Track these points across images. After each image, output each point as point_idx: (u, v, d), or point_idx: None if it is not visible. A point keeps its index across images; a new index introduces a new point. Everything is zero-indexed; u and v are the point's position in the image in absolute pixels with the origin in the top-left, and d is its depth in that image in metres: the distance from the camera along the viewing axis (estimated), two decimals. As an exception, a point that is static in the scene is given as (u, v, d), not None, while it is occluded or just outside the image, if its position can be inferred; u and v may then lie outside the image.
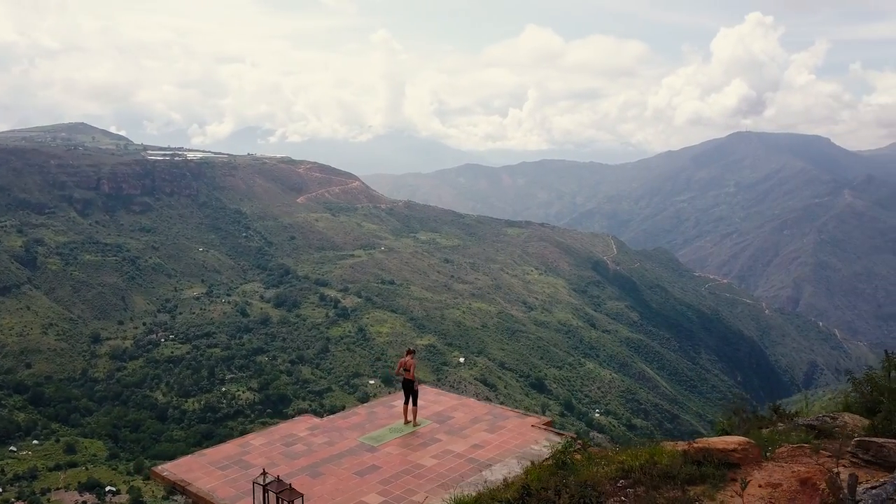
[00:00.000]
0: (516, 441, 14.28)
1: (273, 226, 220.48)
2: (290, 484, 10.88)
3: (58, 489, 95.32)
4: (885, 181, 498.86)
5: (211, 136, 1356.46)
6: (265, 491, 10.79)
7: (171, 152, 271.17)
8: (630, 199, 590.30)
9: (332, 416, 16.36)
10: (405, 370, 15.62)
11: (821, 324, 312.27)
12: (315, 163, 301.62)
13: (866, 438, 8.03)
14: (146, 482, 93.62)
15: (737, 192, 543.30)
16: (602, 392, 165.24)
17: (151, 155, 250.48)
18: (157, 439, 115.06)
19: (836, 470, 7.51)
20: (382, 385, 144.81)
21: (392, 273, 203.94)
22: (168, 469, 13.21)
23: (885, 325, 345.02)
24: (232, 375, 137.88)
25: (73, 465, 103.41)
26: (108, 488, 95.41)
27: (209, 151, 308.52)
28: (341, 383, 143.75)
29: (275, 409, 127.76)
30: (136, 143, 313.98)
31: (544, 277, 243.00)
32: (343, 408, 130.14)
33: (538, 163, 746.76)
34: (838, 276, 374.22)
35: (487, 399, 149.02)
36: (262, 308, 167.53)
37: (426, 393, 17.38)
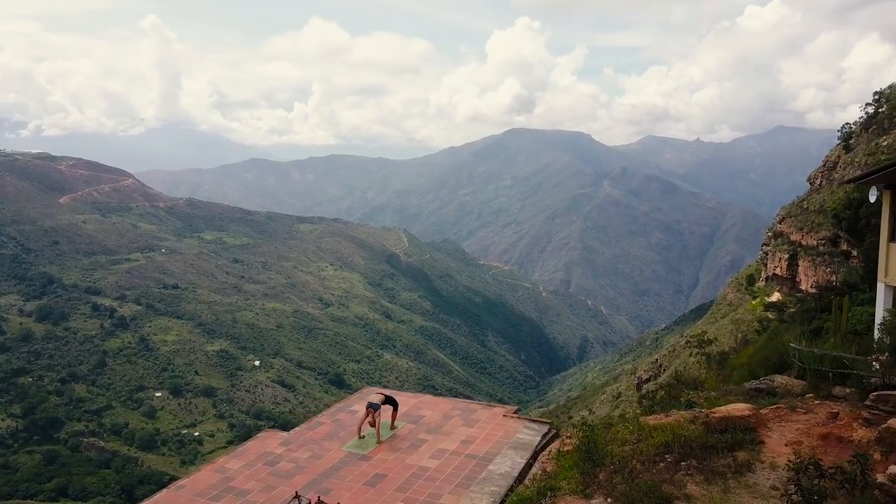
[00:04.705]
0: (499, 432, 14.15)
1: (30, 230, 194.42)
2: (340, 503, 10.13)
3: None
4: (636, 173, 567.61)
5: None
6: None
7: None
8: (418, 194, 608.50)
9: (297, 429, 15.22)
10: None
11: (589, 302, 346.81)
12: (79, 159, 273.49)
13: (885, 392, 8.70)
14: None
15: (513, 185, 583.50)
16: (400, 381, 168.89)
17: None
18: None
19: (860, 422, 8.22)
20: (171, 397, 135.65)
21: (175, 276, 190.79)
22: None
23: (641, 300, 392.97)
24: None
25: None
26: None
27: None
28: (123, 399, 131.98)
29: (44, 434, 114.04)
30: None
31: (340, 273, 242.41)
32: (126, 424, 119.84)
33: (327, 158, 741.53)
34: (602, 259, 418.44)
35: (286, 399, 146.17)
36: (21, 323, 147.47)
37: (371, 392, 16.79)
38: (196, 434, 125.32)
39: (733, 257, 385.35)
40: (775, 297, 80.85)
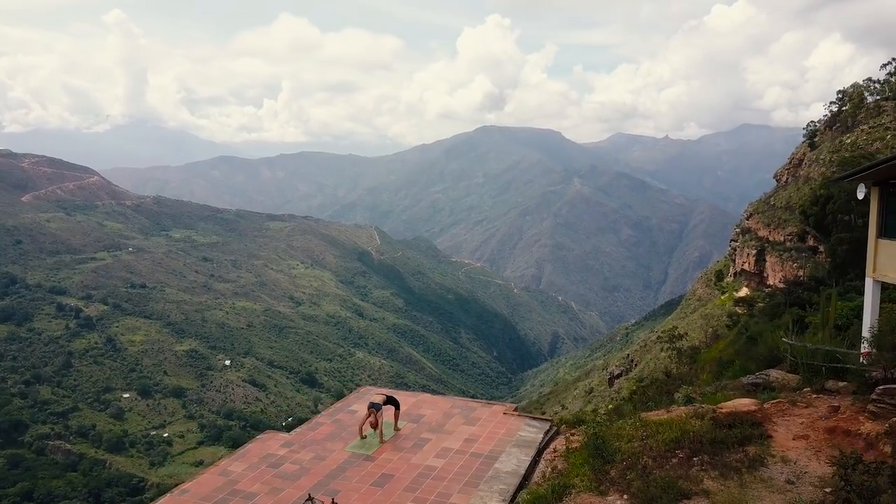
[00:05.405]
0: (502, 430, 14.19)
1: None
2: None
3: None
4: (605, 170, 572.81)
5: None
6: None
7: None
8: (389, 191, 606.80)
9: (298, 430, 15.07)
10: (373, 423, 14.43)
11: (560, 298, 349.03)
12: (43, 156, 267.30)
13: (891, 386, 8.75)
14: None
15: (484, 183, 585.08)
16: (373, 379, 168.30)
17: None
18: None
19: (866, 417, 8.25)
20: (139, 398, 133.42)
21: (143, 276, 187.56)
22: None
23: (611, 296, 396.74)
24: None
25: None
26: None
27: None
28: (90, 400, 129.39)
29: (7, 438, 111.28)
30: None
31: (311, 271, 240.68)
32: (93, 426, 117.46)
33: (297, 155, 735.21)
34: (572, 255, 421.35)
35: (258, 399, 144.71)
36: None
37: (369, 392, 16.64)
38: (165, 435, 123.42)
39: (701, 253, 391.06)
40: (744, 292, 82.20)
